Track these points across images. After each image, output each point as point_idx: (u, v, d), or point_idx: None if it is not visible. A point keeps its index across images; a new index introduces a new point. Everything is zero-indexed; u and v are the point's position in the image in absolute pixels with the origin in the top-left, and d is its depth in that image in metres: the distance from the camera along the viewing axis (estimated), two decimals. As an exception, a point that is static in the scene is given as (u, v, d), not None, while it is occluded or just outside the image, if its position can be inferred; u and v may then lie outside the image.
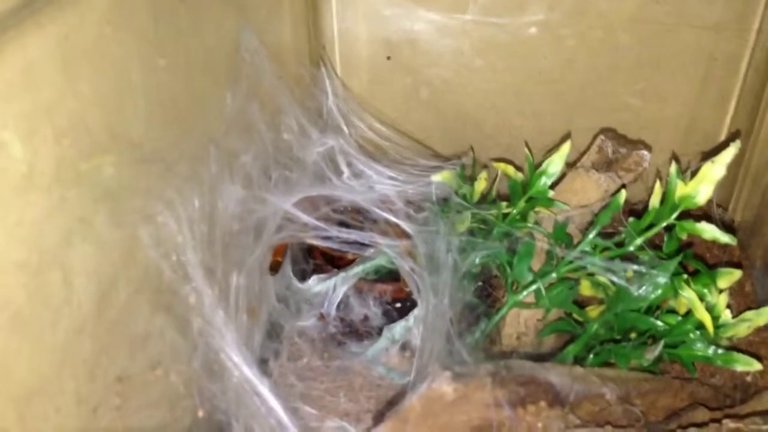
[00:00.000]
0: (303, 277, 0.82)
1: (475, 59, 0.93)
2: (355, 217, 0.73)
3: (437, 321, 0.67)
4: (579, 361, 0.66)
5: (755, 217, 0.85)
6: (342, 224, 0.70)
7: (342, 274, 0.81)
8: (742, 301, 0.81)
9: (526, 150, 0.78)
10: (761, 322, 0.69)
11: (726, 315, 0.69)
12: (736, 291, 0.80)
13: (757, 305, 0.79)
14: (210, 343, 0.51)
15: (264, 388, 0.49)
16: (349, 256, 0.83)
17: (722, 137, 0.92)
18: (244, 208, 0.63)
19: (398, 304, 0.84)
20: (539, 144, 0.89)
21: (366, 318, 0.82)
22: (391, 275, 0.84)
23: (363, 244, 0.70)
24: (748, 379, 0.71)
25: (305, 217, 0.67)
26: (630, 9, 0.87)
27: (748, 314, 0.69)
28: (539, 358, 0.65)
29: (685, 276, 0.66)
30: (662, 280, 0.64)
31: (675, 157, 0.72)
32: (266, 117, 0.70)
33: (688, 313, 0.68)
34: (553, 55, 0.92)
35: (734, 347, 0.69)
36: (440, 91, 0.96)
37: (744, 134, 0.88)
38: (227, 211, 0.60)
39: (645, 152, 0.77)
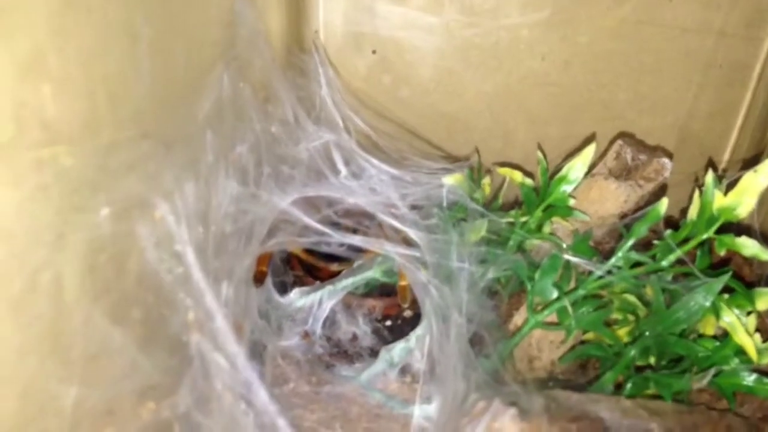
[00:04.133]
0: (283, 289, 0.72)
1: (465, 58, 0.86)
2: (358, 221, 0.64)
3: (452, 341, 0.59)
4: (616, 390, 0.59)
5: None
6: (344, 229, 0.61)
7: (329, 287, 0.72)
8: (761, 321, 0.75)
9: (539, 153, 0.71)
10: (793, 346, 0.64)
11: (757, 339, 0.63)
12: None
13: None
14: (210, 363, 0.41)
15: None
16: (333, 268, 0.74)
17: (728, 149, 0.87)
18: (238, 208, 0.53)
19: (388, 322, 0.75)
20: (538, 144, 0.82)
21: (355, 337, 0.72)
22: (381, 289, 0.75)
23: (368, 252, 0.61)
24: (779, 409, 0.66)
25: (307, 219, 0.57)
26: (632, 12, 0.82)
27: (780, 337, 0.64)
28: (578, 387, 0.58)
29: (726, 296, 0.60)
30: (707, 301, 0.57)
31: (711, 165, 0.66)
32: (258, 103, 0.60)
33: (725, 337, 0.62)
34: (550, 56, 0.85)
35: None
36: (427, 91, 0.88)
37: (754, 147, 0.83)
38: (221, 210, 0.51)
39: (666, 160, 0.71)
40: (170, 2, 0.44)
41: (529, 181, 0.71)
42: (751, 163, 0.61)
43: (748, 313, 0.63)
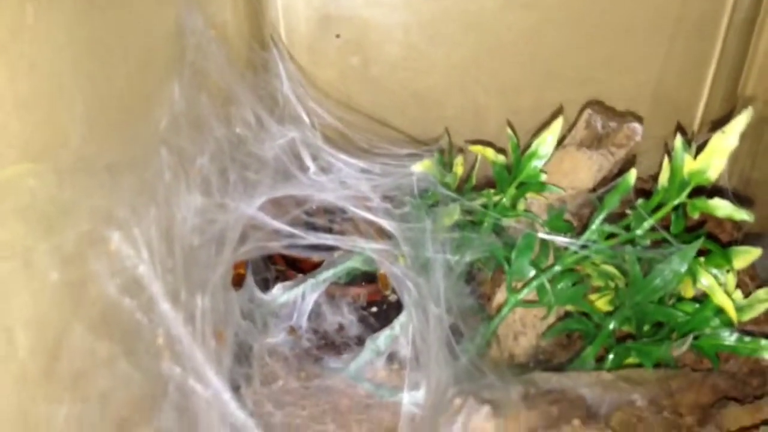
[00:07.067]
0: (265, 286, 0.72)
1: (432, 32, 0.85)
2: (330, 218, 0.64)
3: (433, 329, 0.59)
4: (598, 363, 0.59)
5: (745, 185, 0.80)
6: (316, 228, 0.61)
7: (311, 281, 0.72)
8: (741, 276, 0.75)
9: (509, 130, 0.70)
10: (775, 301, 0.64)
11: (738, 296, 0.63)
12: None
13: (755, 277, 0.74)
14: (186, 389, 0.42)
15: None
16: (315, 259, 0.74)
17: (702, 102, 0.86)
18: (204, 219, 0.53)
19: (374, 308, 0.75)
20: (507, 120, 0.82)
21: (341, 327, 0.73)
22: (363, 277, 0.75)
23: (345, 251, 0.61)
24: (765, 363, 0.66)
25: (275, 223, 0.57)
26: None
27: (761, 294, 0.64)
28: (559, 367, 0.58)
29: (702, 259, 0.60)
30: (682, 267, 0.58)
31: (680, 129, 0.65)
32: (217, 109, 0.60)
33: (703, 298, 0.62)
34: (517, 25, 0.84)
35: (749, 331, 0.64)
36: (396, 69, 0.87)
37: (727, 98, 0.83)
38: (186, 224, 0.50)
39: (636, 125, 0.71)
40: (103, 23, 0.44)
41: (501, 158, 0.70)
42: (721, 122, 0.60)
43: (728, 271, 0.63)
